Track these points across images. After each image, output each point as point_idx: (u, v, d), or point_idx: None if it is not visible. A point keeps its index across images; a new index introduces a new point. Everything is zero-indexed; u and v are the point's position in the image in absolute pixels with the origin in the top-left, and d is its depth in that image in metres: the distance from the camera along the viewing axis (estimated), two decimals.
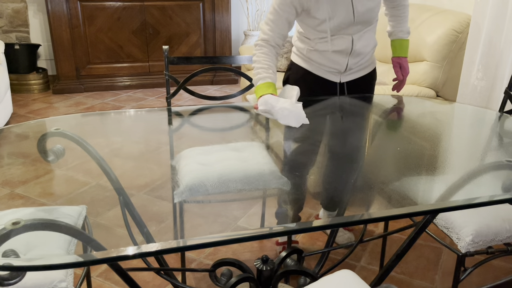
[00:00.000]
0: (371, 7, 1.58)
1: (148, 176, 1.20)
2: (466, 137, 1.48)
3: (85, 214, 1.23)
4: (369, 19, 1.61)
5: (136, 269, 1.26)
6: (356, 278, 1.07)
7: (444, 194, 1.08)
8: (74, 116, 1.59)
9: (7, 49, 3.92)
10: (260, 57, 1.60)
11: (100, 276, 1.82)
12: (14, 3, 4.25)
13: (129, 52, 4.33)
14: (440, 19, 2.76)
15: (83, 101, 4.01)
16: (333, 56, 1.66)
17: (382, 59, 3.20)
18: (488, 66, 2.52)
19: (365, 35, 1.66)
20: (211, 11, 4.41)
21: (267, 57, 1.59)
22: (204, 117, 1.64)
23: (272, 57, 1.60)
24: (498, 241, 1.40)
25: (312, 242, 2.06)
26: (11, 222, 0.82)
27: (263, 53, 1.60)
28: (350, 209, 1.08)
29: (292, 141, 1.45)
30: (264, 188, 1.18)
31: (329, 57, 1.66)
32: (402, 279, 1.85)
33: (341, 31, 1.60)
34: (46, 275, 1.10)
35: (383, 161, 1.26)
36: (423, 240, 2.11)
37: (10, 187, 1.10)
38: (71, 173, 1.19)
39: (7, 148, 1.25)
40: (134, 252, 0.83)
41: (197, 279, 1.83)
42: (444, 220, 1.46)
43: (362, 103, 1.75)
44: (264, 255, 1.15)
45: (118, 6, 4.14)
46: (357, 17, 1.57)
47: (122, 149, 1.35)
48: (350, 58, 1.66)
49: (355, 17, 1.57)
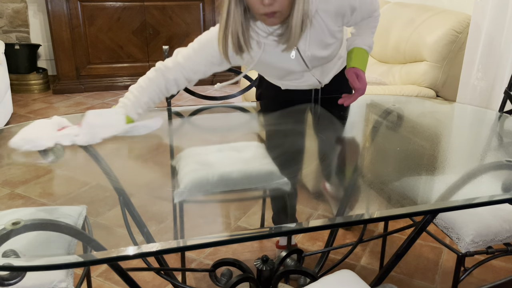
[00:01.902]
0: (325, 55, 1.39)
1: (148, 176, 1.20)
2: (466, 137, 1.48)
3: (85, 214, 1.22)
4: (328, 61, 1.44)
5: (136, 269, 1.26)
6: (356, 278, 1.07)
7: (444, 194, 1.08)
8: (74, 116, 1.59)
9: (7, 49, 3.92)
10: (143, 83, 1.32)
11: (100, 276, 1.82)
12: (14, 3, 4.25)
13: (129, 52, 4.33)
14: (440, 19, 2.76)
15: (83, 101, 4.01)
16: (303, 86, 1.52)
17: (382, 59, 3.20)
18: (488, 66, 2.52)
19: (328, 65, 1.49)
20: (211, 11, 4.41)
21: (153, 86, 1.32)
22: (204, 117, 1.64)
23: (158, 91, 1.32)
24: (498, 241, 1.40)
25: (312, 242, 2.06)
26: (11, 222, 0.82)
27: (152, 80, 1.32)
28: (350, 209, 1.08)
29: (292, 141, 1.45)
30: (264, 188, 1.18)
31: (299, 86, 1.53)
32: (402, 279, 1.85)
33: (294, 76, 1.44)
34: (46, 275, 1.10)
35: (383, 161, 1.26)
36: (423, 240, 2.11)
37: (10, 187, 1.10)
38: (71, 173, 1.19)
39: (7, 148, 1.25)
40: (134, 252, 0.83)
41: (197, 279, 1.83)
42: (444, 220, 1.46)
43: (360, 102, 1.75)
44: (264, 255, 1.15)
45: (118, 6, 4.14)
46: (312, 67, 1.41)
47: (122, 149, 1.35)
48: (321, 84, 1.55)
49: (309, 68, 1.40)
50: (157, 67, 1.34)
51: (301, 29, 1.22)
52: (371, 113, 1.68)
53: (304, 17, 1.19)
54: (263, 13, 1.16)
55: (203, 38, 1.30)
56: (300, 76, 1.47)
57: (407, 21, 2.97)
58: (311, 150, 1.40)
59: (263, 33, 1.28)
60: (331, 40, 1.36)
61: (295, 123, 1.52)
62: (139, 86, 1.32)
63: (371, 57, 3.35)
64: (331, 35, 1.35)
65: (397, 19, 3.07)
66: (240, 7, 1.18)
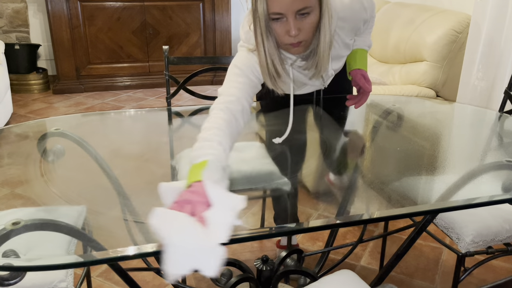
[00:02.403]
0: (338, 67, 1.42)
1: (148, 176, 1.20)
2: (466, 137, 1.48)
3: (85, 214, 1.22)
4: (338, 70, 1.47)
5: (136, 269, 1.26)
6: (356, 278, 1.07)
7: (444, 194, 1.08)
8: (74, 116, 1.59)
9: (7, 49, 3.92)
10: (214, 123, 1.06)
11: (100, 276, 1.82)
12: (14, 3, 4.25)
13: (129, 52, 4.33)
14: (440, 19, 2.76)
15: (83, 101, 4.01)
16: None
17: (382, 59, 3.20)
18: (488, 66, 2.52)
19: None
20: (211, 11, 4.41)
21: (226, 124, 1.06)
22: (204, 117, 1.63)
23: (232, 129, 1.08)
24: (498, 241, 1.40)
25: (312, 242, 2.06)
26: (11, 222, 0.82)
27: (222, 118, 1.08)
28: (350, 209, 1.08)
29: (293, 141, 1.45)
30: (264, 188, 1.18)
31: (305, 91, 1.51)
32: (402, 279, 1.85)
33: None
34: (46, 275, 1.10)
35: (383, 161, 1.26)
36: (423, 240, 2.11)
37: (10, 187, 1.10)
38: (71, 173, 1.19)
39: (7, 148, 1.25)
40: (134, 252, 0.83)
41: (197, 279, 1.83)
42: (444, 220, 1.46)
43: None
44: (264, 255, 1.15)
45: (118, 6, 4.14)
46: (327, 80, 1.43)
47: (122, 149, 1.35)
48: (325, 85, 1.53)
49: (324, 82, 1.43)
50: (220, 107, 1.12)
51: (328, 56, 1.23)
52: (371, 113, 1.68)
53: (330, 45, 1.20)
54: (289, 43, 1.16)
55: (240, 66, 1.24)
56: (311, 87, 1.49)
57: (407, 21, 2.97)
58: (312, 150, 1.40)
59: (289, 60, 1.28)
60: (346, 53, 1.41)
61: (296, 123, 1.52)
62: (219, 127, 1.07)
63: (371, 57, 3.35)
64: (346, 47, 1.39)
65: (397, 19, 3.07)
66: (271, 38, 1.18)
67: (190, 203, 0.85)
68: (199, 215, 0.83)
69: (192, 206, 0.84)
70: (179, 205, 0.85)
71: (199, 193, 0.86)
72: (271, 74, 1.22)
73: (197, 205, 0.84)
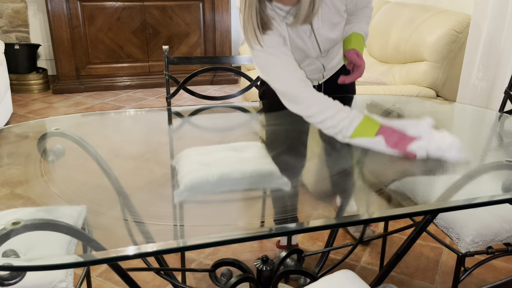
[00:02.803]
0: (334, 37, 1.47)
1: (148, 176, 1.20)
2: (466, 137, 1.47)
3: (85, 214, 1.22)
4: (335, 44, 1.52)
5: (136, 269, 1.26)
6: (356, 278, 1.07)
7: (444, 194, 1.08)
8: (74, 116, 1.59)
9: (7, 49, 3.92)
10: (317, 98, 1.30)
11: (100, 276, 1.82)
12: (14, 3, 4.25)
13: (129, 52, 4.33)
14: (440, 19, 2.76)
15: (83, 101, 4.01)
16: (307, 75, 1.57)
17: (382, 59, 3.20)
18: (488, 66, 2.52)
19: (333, 49, 1.58)
20: (211, 11, 4.41)
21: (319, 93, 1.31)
22: (204, 117, 1.64)
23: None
24: (498, 241, 1.40)
25: (312, 242, 2.06)
26: (11, 222, 0.82)
27: (315, 92, 1.31)
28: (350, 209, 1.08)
29: (293, 140, 1.45)
30: (264, 188, 1.18)
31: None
32: (402, 279, 1.85)
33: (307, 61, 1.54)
34: (46, 275, 1.10)
35: (383, 161, 1.26)
36: (423, 240, 2.11)
37: (10, 187, 1.10)
38: (71, 173, 1.19)
39: (7, 148, 1.25)
40: (134, 252, 0.83)
41: (197, 279, 1.83)
42: (444, 220, 1.46)
43: (360, 102, 1.75)
44: (264, 255, 1.15)
45: (118, 6, 4.14)
46: (324, 51, 1.51)
47: (122, 149, 1.35)
48: (324, 73, 1.62)
49: (321, 52, 1.50)
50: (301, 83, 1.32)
51: (313, 6, 1.30)
52: (371, 113, 1.68)
53: None
54: None
55: (270, 52, 1.34)
56: (311, 62, 1.53)
57: (407, 21, 2.97)
58: (312, 150, 1.40)
59: (281, 12, 1.35)
60: (338, 19, 1.44)
61: (296, 122, 1.52)
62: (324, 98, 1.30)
63: (371, 57, 3.35)
64: (338, 13, 1.43)
65: (397, 19, 3.07)
66: None
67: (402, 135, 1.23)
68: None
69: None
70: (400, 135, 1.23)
71: (396, 131, 1.24)
72: (258, 23, 1.30)
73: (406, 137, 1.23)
